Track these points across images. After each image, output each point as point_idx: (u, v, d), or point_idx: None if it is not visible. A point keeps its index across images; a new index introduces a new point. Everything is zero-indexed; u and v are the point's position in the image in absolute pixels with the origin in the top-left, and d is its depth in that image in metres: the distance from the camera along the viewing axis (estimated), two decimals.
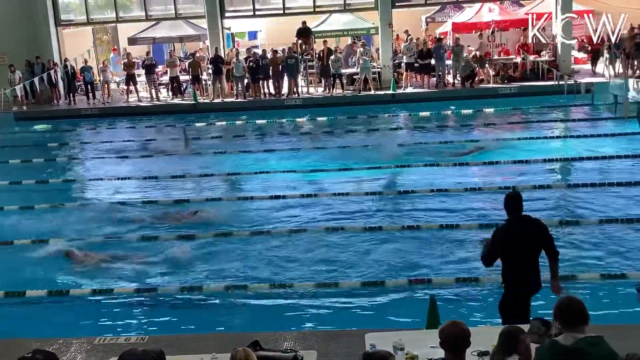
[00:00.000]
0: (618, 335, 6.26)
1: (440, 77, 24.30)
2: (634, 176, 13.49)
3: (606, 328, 6.77)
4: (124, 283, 9.92)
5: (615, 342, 5.62)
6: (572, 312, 4.37)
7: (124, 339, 7.41)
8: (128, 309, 9.14)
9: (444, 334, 4.44)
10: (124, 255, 10.91)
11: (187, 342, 7.24)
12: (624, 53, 23.59)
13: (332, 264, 10.19)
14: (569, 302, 4.43)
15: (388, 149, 16.42)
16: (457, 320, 4.68)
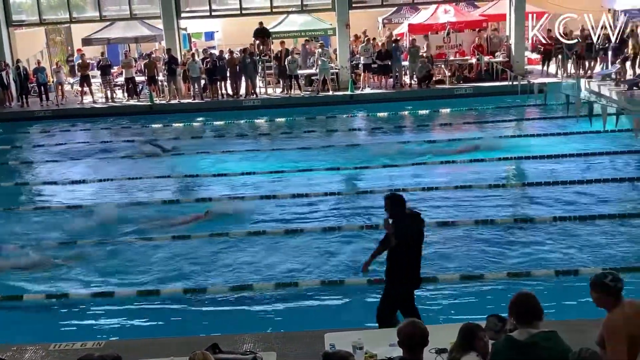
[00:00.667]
0: (572, 330, 6.42)
1: (397, 77, 24.49)
2: (586, 174, 13.81)
3: (560, 323, 6.96)
4: (80, 288, 9.74)
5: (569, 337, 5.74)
6: (526, 307, 4.45)
7: (80, 345, 7.28)
8: (84, 314, 8.99)
9: (401, 333, 4.46)
10: (80, 259, 10.72)
11: (144, 346, 7.14)
12: (575, 54, 24.11)
13: (292, 265, 10.20)
14: (523, 298, 4.51)
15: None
16: (415, 319, 4.72)
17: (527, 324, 4.41)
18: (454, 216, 11.87)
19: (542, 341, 4.33)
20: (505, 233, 10.98)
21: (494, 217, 11.61)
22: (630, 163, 14.75)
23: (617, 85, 21.66)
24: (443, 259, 10.10)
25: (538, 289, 8.56)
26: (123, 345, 6.97)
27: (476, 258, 10.09)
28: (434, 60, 25.03)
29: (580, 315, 7.14)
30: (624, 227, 10.99)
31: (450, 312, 8.36)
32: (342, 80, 24.86)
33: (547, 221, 11.32)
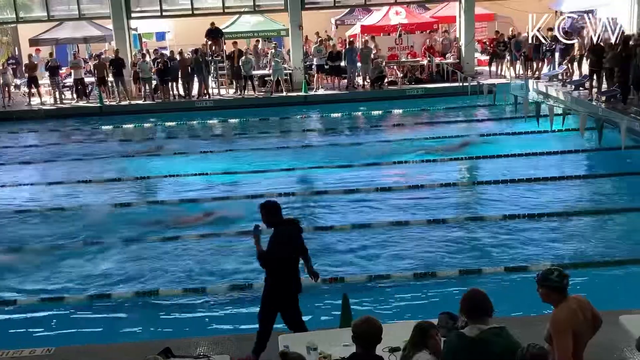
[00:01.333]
0: (521, 326, 6.58)
1: (350, 79, 24.62)
2: (534, 172, 14.10)
3: (510, 319, 7.11)
4: (27, 293, 9.51)
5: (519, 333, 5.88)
6: (476, 304, 4.53)
7: (29, 352, 7.11)
8: (32, 320, 8.78)
9: (356, 330, 4.50)
10: (26, 264, 10.47)
11: (96, 352, 7.03)
12: (524, 55, 24.63)
13: (245, 267, 10.13)
14: (473, 295, 4.59)
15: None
16: (370, 316, 4.74)
17: (478, 321, 4.49)
18: (407, 215, 11.98)
19: (492, 337, 4.41)
20: (456, 232, 11.13)
21: (445, 217, 11.75)
22: (576, 162, 15.12)
23: (564, 86, 22.21)
24: (396, 258, 10.20)
25: (488, 285, 8.72)
26: (74, 351, 6.85)
27: (429, 257, 10.21)
28: (387, 62, 25.26)
29: (529, 311, 7.29)
30: (570, 224, 11.26)
31: (403, 311, 8.43)
32: (296, 81, 24.89)
33: (497, 219, 11.52)
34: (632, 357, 6.40)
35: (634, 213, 11.51)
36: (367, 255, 10.39)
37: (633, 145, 13.89)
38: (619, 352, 6.54)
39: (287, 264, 6.68)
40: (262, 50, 27.23)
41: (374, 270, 9.71)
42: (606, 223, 11.29)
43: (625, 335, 6.13)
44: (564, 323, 4.62)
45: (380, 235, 11.12)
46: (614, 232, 10.91)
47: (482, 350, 4.37)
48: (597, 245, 10.32)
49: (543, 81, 23.48)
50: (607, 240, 10.50)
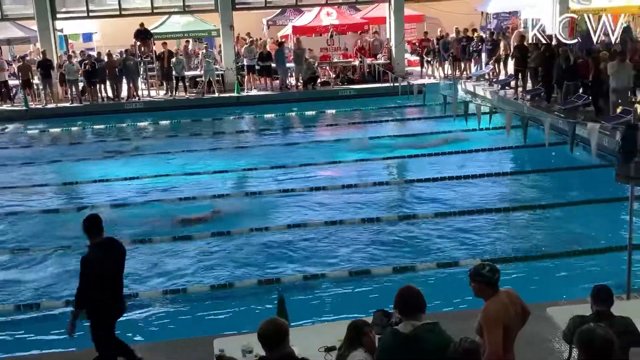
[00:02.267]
0: (454, 321, 6.71)
1: (282, 79, 24.60)
2: (463, 170, 14.43)
3: (443, 314, 7.26)
4: None
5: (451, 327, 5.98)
6: (409, 301, 4.57)
7: None
8: None
9: (259, 332, 4.41)
10: None
11: None
12: (452, 55, 25.16)
13: (179, 271, 10.00)
14: (406, 292, 4.63)
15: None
16: (275, 317, 4.69)
17: (411, 317, 4.53)
18: (341, 215, 12.06)
19: (426, 333, 4.46)
20: (390, 230, 11.28)
21: (379, 215, 11.89)
22: (502, 159, 15.56)
23: (491, 85, 22.81)
24: (331, 257, 10.26)
25: (422, 282, 8.89)
26: None
27: (363, 255, 10.31)
28: (319, 62, 25.38)
29: (462, 306, 7.44)
30: (498, 219, 11.57)
31: (339, 310, 8.47)
32: (228, 82, 24.70)
33: (429, 217, 11.73)
34: (560, 347, 6.62)
35: (559, 207, 11.93)
36: (302, 255, 10.42)
37: (556, 141, 14.37)
38: (547, 343, 6.76)
39: (104, 284, 6.23)
40: (192, 50, 26.90)
41: (310, 270, 9.73)
42: (532, 218, 11.66)
43: (552, 327, 6.34)
44: (494, 316, 4.73)
45: (316, 235, 11.16)
46: (540, 226, 11.28)
47: (416, 346, 4.43)
48: (524, 239, 10.65)
49: (471, 81, 24.05)
50: (534, 235, 10.85)
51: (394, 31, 25.78)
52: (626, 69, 15.42)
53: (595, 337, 3.75)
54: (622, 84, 15.44)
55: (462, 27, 25.77)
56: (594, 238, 10.46)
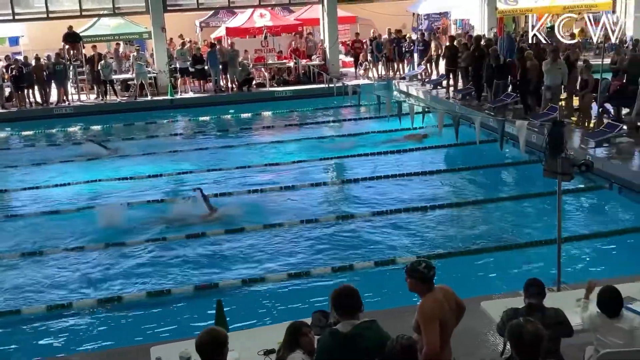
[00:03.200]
0: (391, 318, 6.79)
1: (217, 81, 24.39)
2: (399, 169, 14.63)
3: (382, 312, 7.33)
4: None
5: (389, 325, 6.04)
6: (346, 300, 4.59)
7: None
8: None
9: (197, 342, 4.37)
10: None
11: None
12: (385, 56, 25.46)
13: (113, 279, 9.79)
14: (343, 291, 4.64)
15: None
16: (213, 327, 4.66)
17: (349, 316, 4.56)
18: (279, 217, 12.03)
19: (364, 331, 4.49)
20: (328, 230, 11.33)
21: (317, 216, 11.91)
22: (435, 157, 15.84)
23: (423, 85, 23.20)
24: (270, 260, 10.23)
25: (361, 281, 8.97)
26: None
27: (302, 256, 10.32)
28: (253, 64, 25.29)
29: (399, 303, 7.52)
30: (432, 216, 11.76)
31: (279, 312, 8.47)
32: (161, 85, 24.33)
33: (366, 216, 11.83)
34: (494, 340, 6.78)
35: (491, 203, 12.23)
36: (241, 259, 10.35)
37: (487, 139, 14.70)
38: (482, 336, 6.92)
39: None
40: (123, 53, 26.38)
41: (248, 273, 9.68)
42: (465, 214, 11.91)
43: (487, 321, 6.49)
44: (430, 313, 4.80)
45: (254, 238, 11.10)
46: (472, 222, 11.53)
47: (356, 345, 4.45)
48: (457, 235, 10.88)
49: (404, 81, 24.39)
50: (467, 230, 11.09)
51: (327, 32, 25.93)
52: (559, 67, 15.94)
53: (524, 332, 3.86)
54: (555, 82, 15.96)
55: (395, 28, 26.13)
56: (525, 232, 10.76)
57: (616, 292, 5.42)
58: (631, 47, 20.30)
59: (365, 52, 26.04)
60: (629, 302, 5.83)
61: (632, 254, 10.00)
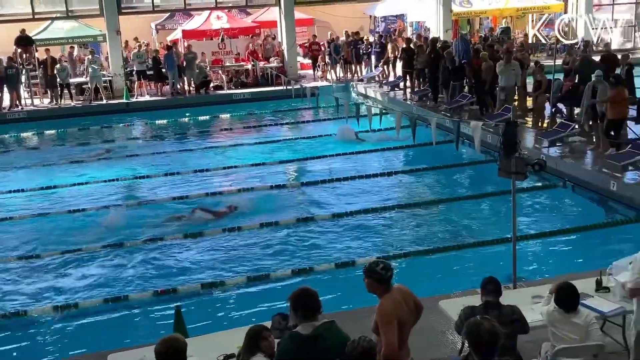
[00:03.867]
0: (351, 320, 6.82)
1: (174, 84, 24.15)
2: (357, 171, 14.69)
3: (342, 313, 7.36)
4: None
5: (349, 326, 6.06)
6: (306, 302, 4.59)
7: None
8: None
9: (156, 350, 4.34)
10: None
11: None
12: (343, 58, 25.56)
13: (69, 285, 9.63)
14: (302, 293, 4.63)
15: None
16: (172, 335, 4.63)
17: (309, 318, 4.56)
18: (238, 220, 11.98)
19: (325, 332, 4.50)
20: (288, 232, 11.32)
21: (276, 219, 11.88)
22: (394, 158, 15.96)
23: (381, 87, 23.36)
24: (229, 263, 10.18)
25: (321, 282, 9.01)
26: None
27: (262, 259, 10.30)
28: (211, 66, 25.14)
29: (358, 304, 7.55)
30: (392, 217, 11.86)
31: (239, 316, 8.43)
32: (117, 88, 23.99)
33: (326, 218, 11.85)
34: (453, 339, 6.87)
35: (448, 203, 12.38)
36: (200, 264, 10.27)
37: (443, 140, 14.89)
38: (440, 334, 7.00)
39: None
40: (77, 57, 25.93)
41: (207, 278, 9.61)
42: (423, 214, 12.02)
43: (445, 319, 6.58)
44: (389, 313, 4.83)
45: (213, 242, 11.03)
46: (430, 221, 11.66)
47: (316, 346, 4.46)
48: (415, 235, 11.00)
49: (362, 83, 24.53)
50: (425, 230, 11.22)
51: (285, 35, 25.92)
52: (512, 68, 16.23)
53: (481, 330, 3.92)
54: (509, 83, 16.24)
55: (352, 30, 26.26)
56: (481, 231, 10.92)
57: (573, 288, 5.56)
58: (582, 48, 20.75)
59: (323, 54, 26.12)
60: (583, 299, 5.97)
61: (586, 251, 10.24)
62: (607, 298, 6.16)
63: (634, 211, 11.02)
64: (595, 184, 12.25)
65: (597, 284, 6.35)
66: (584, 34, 26.77)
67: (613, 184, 11.74)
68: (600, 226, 10.88)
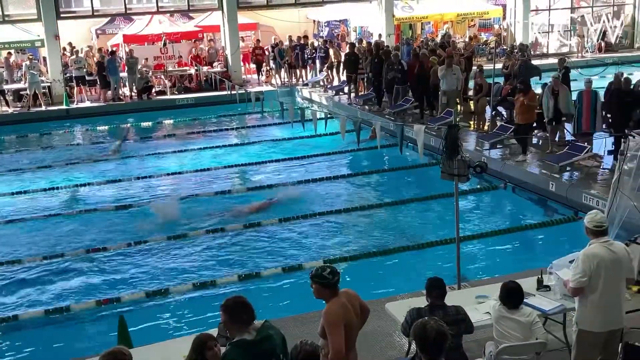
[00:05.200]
0: (298, 324, 6.81)
1: (115, 89, 23.69)
2: (305, 175, 14.70)
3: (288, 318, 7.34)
4: None
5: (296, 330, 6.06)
6: (241, 309, 4.47)
7: None
8: None
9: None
10: None
11: None
12: (287, 63, 25.54)
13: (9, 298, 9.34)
14: (239, 301, 4.52)
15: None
16: (116, 347, 4.52)
17: (247, 324, 4.45)
18: (184, 228, 11.83)
19: (268, 332, 4.43)
20: (234, 238, 11.24)
21: (224, 225, 11.77)
22: (339, 162, 16.00)
23: (326, 91, 23.44)
24: (175, 271, 10.05)
25: (268, 287, 8.99)
26: None
27: (208, 266, 10.20)
28: (153, 71, 24.76)
29: (305, 309, 7.54)
30: (338, 221, 11.90)
31: (185, 325, 8.32)
32: (56, 95, 23.38)
33: (273, 223, 11.80)
34: (400, 341, 6.92)
35: (392, 206, 12.49)
36: (145, 272, 10.10)
37: (387, 144, 15.00)
38: (387, 337, 7.06)
39: None
40: (14, 62, 25.18)
41: (152, 286, 9.46)
42: (368, 217, 12.09)
43: (391, 321, 6.62)
44: (335, 317, 4.84)
45: (158, 250, 10.87)
46: (375, 225, 11.74)
47: (258, 350, 4.37)
48: (361, 238, 11.06)
49: (307, 87, 24.56)
50: (370, 233, 11.30)
51: (229, 39, 25.75)
52: (453, 72, 16.51)
53: (428, 330, 3.95)
54: (450, 87, 16.52)
55: (296, 35, 26.28)
56: (425, 233, 11.06)
57: (517, 286, 5.70)
58: (521, 52, 21.28)
59: (268, 58, 26.05)
60: (526, 297, 6.10)
61: (527, 250, 10.51)
62: (548, 296, 6.30)
63: (572, 210, 11.34)
64: (534, 184, 12.57)
65: (538, 283, 6.50)
66: (522, 38, 27.54)
67: (552, 184, 12.07)
68: (541, 226, 11.18)
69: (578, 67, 16.61)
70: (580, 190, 11.39)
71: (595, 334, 5.44)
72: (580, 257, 5.41)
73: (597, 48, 29.01)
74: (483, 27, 30.80)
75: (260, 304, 8.63)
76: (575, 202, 11.38)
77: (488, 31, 29.99)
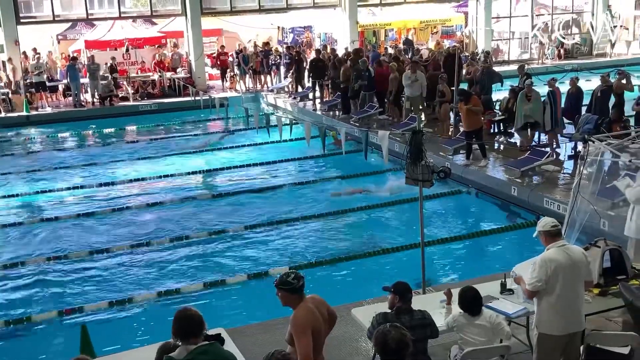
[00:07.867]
0: (265, 332, 6.78)
1: (77, 95, 23.34)
2: (266, 181, 14.67)
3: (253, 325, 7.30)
4: None
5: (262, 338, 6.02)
6: (184, 324, 4.41)
7: None
8: None
9: None
10: None
11: None
12: (252, 69, 25.48)
13: None
14: (182, 315, 4.46)
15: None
16: (79, 356, 4.44)
17: (187, 341, 4.37)
18: (148, 236, 11.70)
19: (198, 356, 4.27)
20: (199, 246, 11.15)
21: (187, 233, 11.67)
22: (305, 167, 16.02)
23: (291, 98, 23.42)
24: (139, 279, 9.94)
25: (233, 295, 8.92)
26: None
27: (173, 274, 10.10)
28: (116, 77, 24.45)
29: (272, 315, 7.50)
30: (302, 227, 11.88)
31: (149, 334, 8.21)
32: (15, 101, 22.92)
33: (239, 230, 11.73)
34: (366, 346, 6.93)
35: (357, 212, 12.51)
36: (108, 281, 9.96)
37: (352, 149, 15.06)
38: (354, 342, 7.06)
39: None
40: None
41: (115, 295, 9.32)
42: (333, 223, 12.09)
43: (358, 327, 6.63)
44: (303, 323, 4.82)
45: (121, 258, 10.72)
46: (340, 230, 11.77)
47: None
48: (326, 244, 11.09)
49: (272, 94, 24.52)
50: (335, 239, 11.33)
51: (192, 45, 25.58)
52: (418, 78, 16.66)
53: (388, 339, 3.96)
54: (414, 93, 16.66)
55: (261, 41, 26.25)
56: (390, 238, 11.12)
57: (475, 291, 5.74)
58: (483, 58, 21.59)
59: (232, 64, 25.95)
60: (489, 301, 6.18)
61: (491, 254, 10.63)
62: (512, 300, 6.38)
63: (534, 215, 11.51)
64: (497, 189, 12.74)
65: (502, 287, 6.57)
66: (484, 45, 27.94)
67: (514, 189, 12.24)
68: (503, 230, 11.32)
69: (538, 74, 16.88)
70: (541, 195, 11.57)
71: (555, 337, 5.48)
72: (537, 262, 5.45)
73: (556, 55, 29.57)
74: (446, 34, 31.16)
75: (226, 311, 8.68)
76: (537, 206, 11.55)
77: (451, 38, 30.33)
